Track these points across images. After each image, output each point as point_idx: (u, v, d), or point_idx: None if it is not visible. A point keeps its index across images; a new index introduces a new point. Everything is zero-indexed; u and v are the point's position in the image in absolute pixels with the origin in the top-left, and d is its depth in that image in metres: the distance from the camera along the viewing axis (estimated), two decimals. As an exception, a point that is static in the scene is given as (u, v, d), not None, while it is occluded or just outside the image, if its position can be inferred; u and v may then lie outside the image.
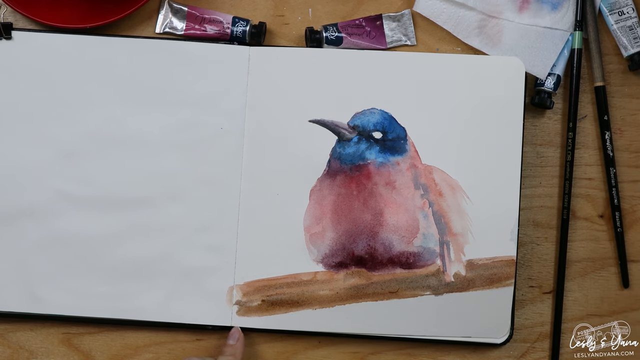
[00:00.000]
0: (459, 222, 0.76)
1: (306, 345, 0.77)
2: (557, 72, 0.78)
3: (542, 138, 0.80)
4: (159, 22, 0.79)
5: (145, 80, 0.76)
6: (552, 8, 0.79)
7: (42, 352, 0.77)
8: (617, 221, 0.78)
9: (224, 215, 0.76)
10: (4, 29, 0.76)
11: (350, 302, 0.75)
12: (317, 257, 0.76)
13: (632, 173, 0.80)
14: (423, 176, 0.76)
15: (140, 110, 0.76)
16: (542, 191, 0.79)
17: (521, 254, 0.78)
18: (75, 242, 0.76)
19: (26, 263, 0.75)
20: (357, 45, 0.78)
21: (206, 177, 0.76)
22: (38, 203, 0.76)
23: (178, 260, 0.76)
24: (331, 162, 0.76)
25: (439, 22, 0.79)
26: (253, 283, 0.75)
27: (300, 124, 0.76)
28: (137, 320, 0.76)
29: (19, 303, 0.75)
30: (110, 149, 0.76)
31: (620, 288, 0.79)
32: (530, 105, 0.79)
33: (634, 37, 0.79)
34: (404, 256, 0.75)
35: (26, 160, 0.76)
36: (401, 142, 0.76)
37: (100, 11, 0.77)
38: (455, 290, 0.75)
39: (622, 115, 0.80)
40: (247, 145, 0.76)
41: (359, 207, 0.76)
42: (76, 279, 0.75)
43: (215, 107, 0.76)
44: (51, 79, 0.76)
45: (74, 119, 0.76)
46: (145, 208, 0.76)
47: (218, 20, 0.78)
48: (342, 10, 0.80)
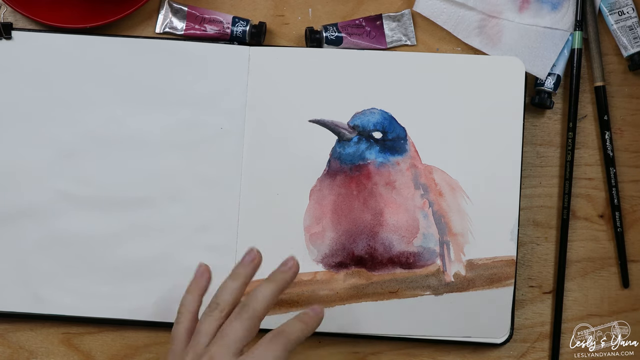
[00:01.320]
0: (459, 222, 0.76)
1: (306, 345, 0.77)
2: (557, 72, 0.78)
3: (542, 138, 0.80)
4: (159, 22, 0.79)
5: (145, 80, 0.76)
6: (552, 8, 0.79)
7: (42, 352, 0.77)
8: (617, 221, 0.78)
9: (224, 215, 0.76)
10: (4, 29, 0.76)
11: (350, 302, 0.75)
12: (317, 257, 0.76)
13: (632, 173, 0.80)
14: (423, 176, 0.76)
15: (140, 110, 0.76)
16: (542, 191, 0.79)
17: (521, 254, 0.78)
18: (75, 242, 0.76)
19: (26, 263, 0.75)
20: (357, 45, 0.78)
21: (206, 177, 0.76)
22: (38, 203, 0.76)
23: (178, 260, 0.76)
24: (331, 162, 0.76)
25: (439, 22, 0.79)
26: (253, 283, 0.75)
27: (300, 124, 0.76)
28: (137, 320, 0.76)
29: (19, 303, 0.75)
30: (110, 149, 0.76)
31: (620, 288, 0.79)
32: (530, 105, 0.79)
33: (634, 37, 0.79)
34: (404, 256, 0.75)
35: (26, 160, 0.76)
36: (401, 142, 0.76)
37: (100, 11, 0.76)
38: (455, 290, 0.75)
39: (622, 115, 0.80)
40: (247, 145, 0.76)
41: (359, 207, 0.76)
42: (76, 279, 0.75)
43: (215, 107, 0.76)
44: (51, 79, 0.76)
45: (74, 119, 0.76)
46: (145, 208, 0.76)
47: (218, 20, 0.78)
48: (342, 10, 0.80)
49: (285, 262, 0.67)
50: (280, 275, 0.66)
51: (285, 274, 0.66)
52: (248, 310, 0.63)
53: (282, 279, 0.65)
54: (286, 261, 0.67)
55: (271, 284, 0.65)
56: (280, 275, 0.66)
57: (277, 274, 0.66)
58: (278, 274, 0.66)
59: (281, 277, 0.66)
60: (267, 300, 0.64)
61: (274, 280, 0.65)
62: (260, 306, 0.63)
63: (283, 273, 0.66)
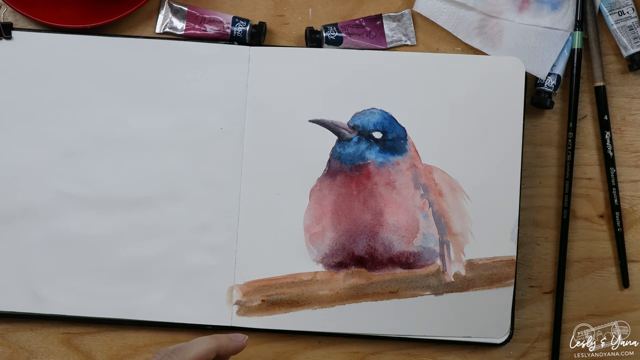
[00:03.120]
0: (459, 222, 0.76)
1: (306, 345, 0.77)
2: (557, 72, 0.78)
3: (542, 138, 0.80)
4: (159, 22, 0.79)
5: (146, 80, 0.76)
6: (552, 8, 0.79)
7: (42, 352, 0.77)
8: (617, 221, 0.78)
9: (224, 215, 0.76)
10: (4, 29, 0.76)
11: (350, 302, 0.75)
12: (317, 257, 0.76)
13: (632, 173, 0.80)
14: (423, 176, 0.76)
15: (140, 110, 0.76)
16: (542, 191, 0.79)
17: (521, 254, 0.78)
18: (75, 242, 0.76)
19: (26, 263, 0.75)
20: (357, 45, 0.78)
21: (206, 177, 0.76)
22: (38, 203, 0.76)
23: (178, 260, 0.76)
24: (331, 162, 0.76)
25: (439, 22, 0.79)
26: (253, 283, 0.75)
27: (300, 124, 0.76)
28: (137, 320, 0.76)
29: (20, 303, 0.75)
30: (110, 149, 0.76)
31: (620, 288, 0.79)
32: (530, 105, 0.79)
33: (634, 37, 0.79)
34: (404, 256, 0.75)
35: (26, 160, 0.76)
36: (401, 142, 0.76)
37: (100, 11, 0.77)
38: (455, 290, 0.75)
39: (622, 115, 0.80)
40: (247, 145, 0.76)
41: (359, 207, 0.76)
42: (76, 279, 0.75)
43: (215, 107, 0.76)
44: (51, 79, 0.76)
45: (74, 118, 0.76)
46: (145, 208, 0.76)
47: (218, 20, 0.78)
48: (342, 10, 0.80)
49: (237, 335, 0.68)
50: (225, 340, 0.66)
51: (231, 341, 0.67)
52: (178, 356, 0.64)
53: (225, 344, 0.66)
54: (238, 335, 0.68)
55: (213, 342, 0.66)
56: (226, 341, 0.66)
57: (223, 338, 0.66)
58: (224, 338, 0.66)
59: (225, 342, 0.66)
60: (200, 355, 0.64)
61: (217, 340, 0.66)
62: (190, 356, 0.64)
63: (229, 340, 0.67)
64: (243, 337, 0.68)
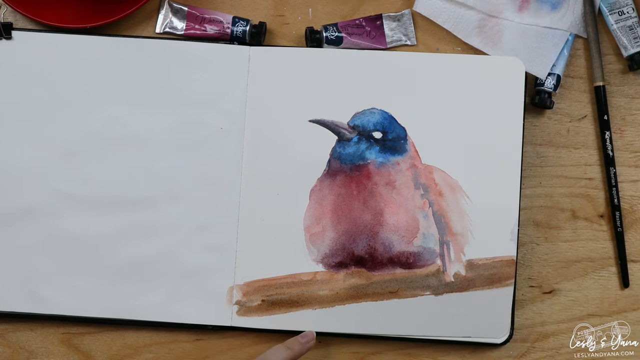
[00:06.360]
0: (459, 222, 0.76)
1: (306, 345, 0.78)
2: (557, 72, 0.78)
3: (542, 138, 0.80)
4: (159, 22, 0.79)
5: (146, 80, 0.76)
6: (552, 8, 0.79)
7: (42, 352, 0.77)
8: (617, 221, 0.78)
9: (224, 215, 0.76)
10: (4, 29, 0.76)
11: (350, 302, 0.75)
12: (317, 257, 0.76)
13: (632, 173, 0.80)
14: (423, 176, 0.76)
15: (140, 111, 0.76)
16: (542, 191, 0.79)
17: (521, 254, 0.78)
18: (75, 242, 0.76)
19: (26, 263, 0.75)
20: (357, 45, 0.78)
21: (206, 177, 0.76)
22: (38, 203, 0.76)
23: (178, 260, 0.76)
24: (331, 162, 0.76)
25: (439, 21, 0.79)
26: (253, 283, 0.75)
27: (300, 124, 0.76)
28: (137, 320, 0.76)
29: (20, 303, 0.75)
30: (111, 149, 0.76)
31: (620, 288, 0.79)
32: (530, 105, 0.79)
33: (634, 37, 0.79)
34: (404, 256, 0.75)
35: (26, 160, 0.76)
36: (401, 142, 0.76)
37: (100, 11, 0.77)
38: (455, 290, 0.75)
39: (622, 115, 0.80)
40: (247, 145, 0.76)
41: (359, 207, 0.76)
42: (76, 279, 0.75)
43: (215, 107, 0.76)
44: (51, 79, 0.76)
45: (74, 118, 0.76)
46: (145, 208, 0.76)
47: (218, 20, 0.78)
48: (342, 10, 0.80)
49: (305, 334, 0.73)
50: (297, 346, 0.72)
51: (302, 345, 0.72)
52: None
53: (298, 349, 0.72)
54: (306, 334, 0.73)
55: (287, 351, 0.71)
56: (298, 346, 0.72)
57: (294, 343, 0.72)
58: (296, 344, 0.72)
59: (298, 347, 0.72)
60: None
61: (290, 348, 0.71)
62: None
63: (301, 345, 0.72)
64: (311, 334, 0.73)
